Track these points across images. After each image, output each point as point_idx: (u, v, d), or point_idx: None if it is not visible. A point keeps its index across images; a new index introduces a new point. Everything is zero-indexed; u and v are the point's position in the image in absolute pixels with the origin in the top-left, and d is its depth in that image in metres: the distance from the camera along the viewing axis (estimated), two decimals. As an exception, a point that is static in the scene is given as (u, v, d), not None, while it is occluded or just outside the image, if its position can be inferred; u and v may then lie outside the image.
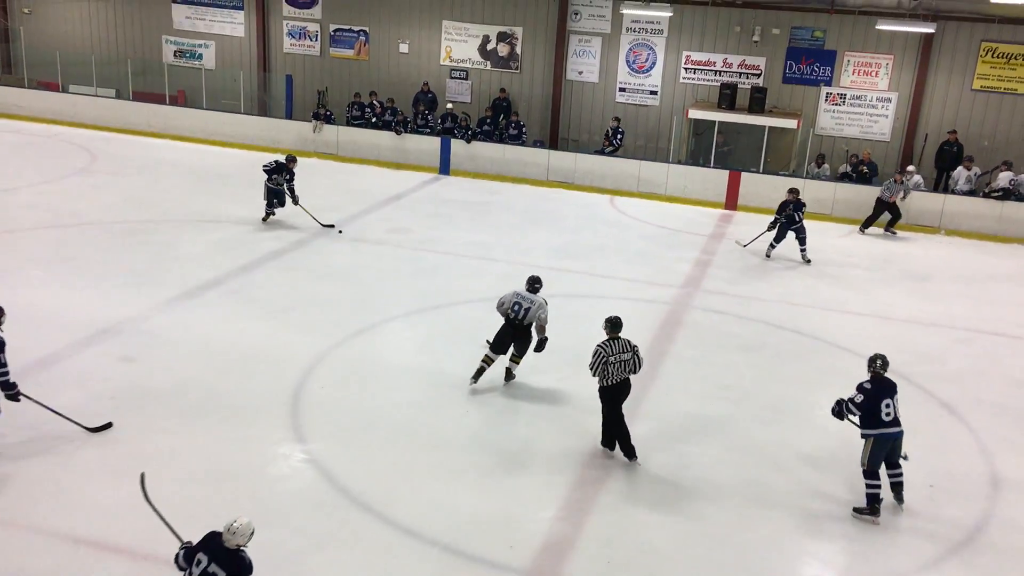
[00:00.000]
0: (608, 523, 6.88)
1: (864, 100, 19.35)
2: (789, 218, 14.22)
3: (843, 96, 19.46)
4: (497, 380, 9.15)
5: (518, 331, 8.87)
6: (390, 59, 22.38)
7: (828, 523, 7.11)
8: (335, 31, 22.59)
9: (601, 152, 19.62)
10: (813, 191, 17.46)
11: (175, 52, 23.82)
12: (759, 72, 19.80)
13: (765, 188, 17.71)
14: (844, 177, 18.06)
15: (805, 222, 14.27)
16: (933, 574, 6.55)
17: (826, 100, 19.57)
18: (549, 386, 9.15)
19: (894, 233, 16.54)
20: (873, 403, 7.01)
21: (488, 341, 9.17)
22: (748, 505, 7.22)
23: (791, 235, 14.27)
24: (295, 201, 14.35)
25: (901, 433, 7.09)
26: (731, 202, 18.02)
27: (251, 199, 15.80)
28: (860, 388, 7.11)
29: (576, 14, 20.71)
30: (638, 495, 7.23)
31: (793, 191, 14.37)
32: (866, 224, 16.63)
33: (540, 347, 9.00)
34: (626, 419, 7.73)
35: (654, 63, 20.48)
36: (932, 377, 9.82)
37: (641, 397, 8.96)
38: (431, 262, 13.10)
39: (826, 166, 18.41)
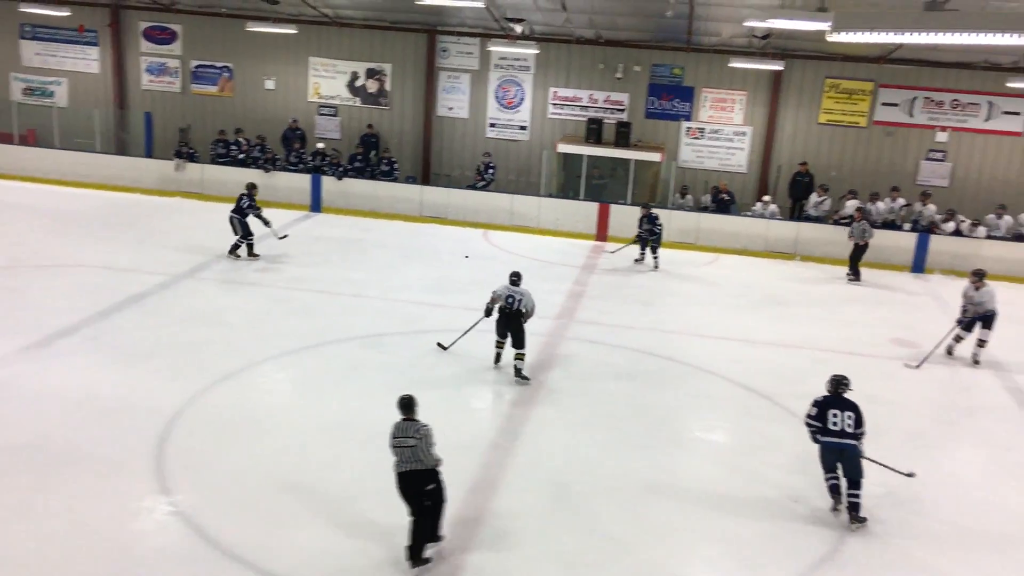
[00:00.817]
0: (488, 559, 6.82)
1: (721, 134, 20.27)
2: (647, 231, 16.04)
3: (702, 130, 20.33)
4: (371, 422, 9.00)
5: (511, 319, 10.34)
6: (256, 96, 21.98)
7: (702, 544, 7.28)
8: (197, 67, 22.04)
9: (473, 187, 19.78)
10: (679, 221, 18.13)
11: (24, 90, 22.70)
12: (623, 107, 20.47)
13: (633, 219, 18.22)
14: (706, 208, 18.81)
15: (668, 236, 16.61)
16: (802, 587, 6.79)
17: (687, 134, 20.39)
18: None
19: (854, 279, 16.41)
20: (822, 413, 7.64)
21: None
22: (628, 530, 7.31)
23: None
24: (266, 223, 15.15)
25: (851, 446, 7.54)
26: (602, 233, 18.47)
27: (109, 240, 15.20)
28: (813, 401, 7.81)
29: (444, 51, 20.92)
30: (516, 529, 7.20)
31: (644, 206, 16.30)
32: (852, 271, 16.51)
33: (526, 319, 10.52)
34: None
35: (523, 99, 20.87)
36: (794, 396, 10.25)
37: (519, 428, 9.01)
38: (303, 302, 12.82)
39: (689, 196, 19.14)
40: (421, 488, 6.55)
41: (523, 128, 21.02)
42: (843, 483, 7.60)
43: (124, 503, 7.17)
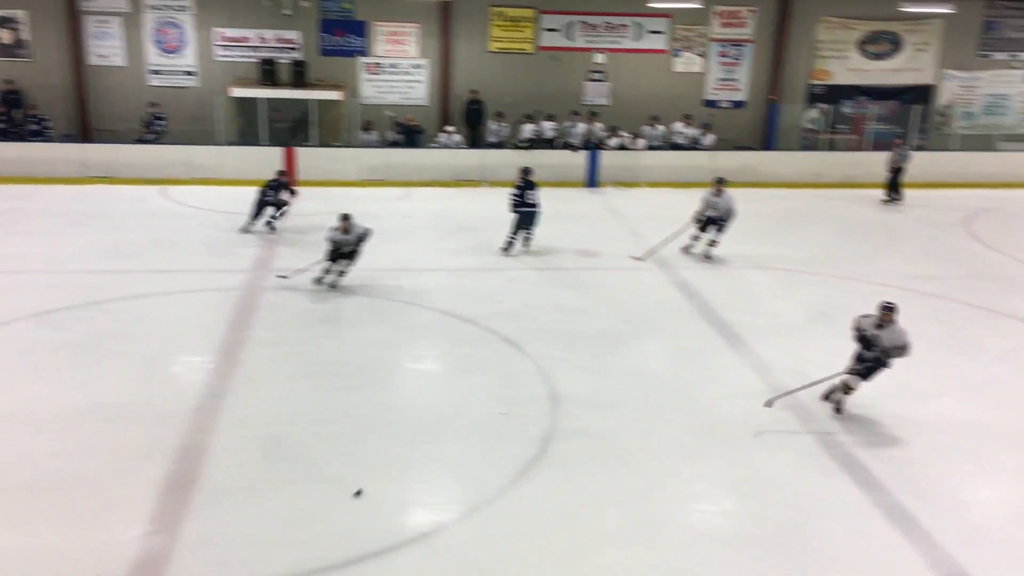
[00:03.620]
0: (207, 525, 6.53)
1: (399, 68, 20.33)
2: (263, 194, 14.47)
3: (380, 65, 20.25)
4: (59, 405, 8.22)
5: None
6: None
7: (422, 469, 7.48)
8: None
9: (142, 140, 18.32)
10: (368, 159, 18.06)
11: None
12: (297, 46, 19.82)
13: (323, 160, 17.97)
14: (394, 144, 18.88)
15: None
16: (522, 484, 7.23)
17: (365, 70, 20.21)
18: (111, 400, 8.41)
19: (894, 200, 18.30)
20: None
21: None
22: (346, 470, 7.31)
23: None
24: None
25: None
26: (290, 178, 17.89)
27: None
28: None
29: (87, -8, 18.95)
30: (233, 489, 6.96)
31: (275, 177, 14.69)
32: (893, 190, 18.23)
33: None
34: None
35: (185, 42, 19.51)
36: (495, 316, 10.77)
37: (225, 388, 8.65)
38: (-47, 286, 11.28)
39: (375, 132, 19.09)
40: None
41: (190, 74, 19.69)
42: None
43: None
